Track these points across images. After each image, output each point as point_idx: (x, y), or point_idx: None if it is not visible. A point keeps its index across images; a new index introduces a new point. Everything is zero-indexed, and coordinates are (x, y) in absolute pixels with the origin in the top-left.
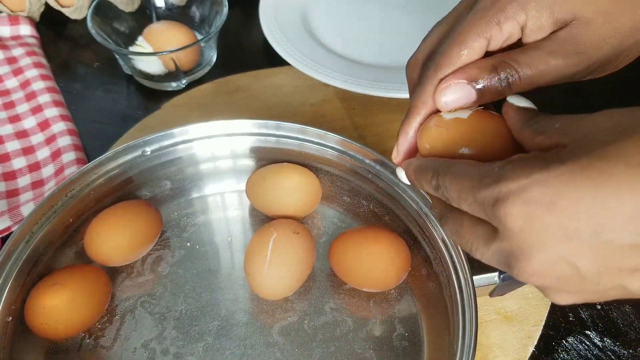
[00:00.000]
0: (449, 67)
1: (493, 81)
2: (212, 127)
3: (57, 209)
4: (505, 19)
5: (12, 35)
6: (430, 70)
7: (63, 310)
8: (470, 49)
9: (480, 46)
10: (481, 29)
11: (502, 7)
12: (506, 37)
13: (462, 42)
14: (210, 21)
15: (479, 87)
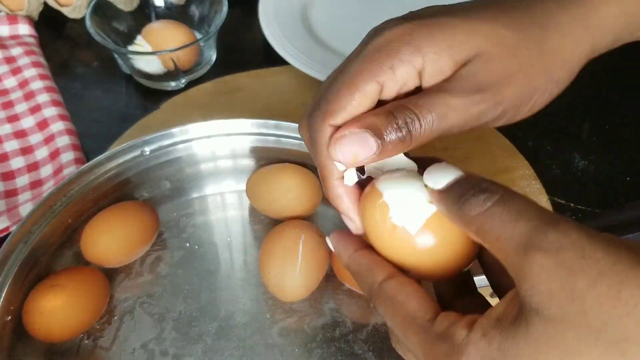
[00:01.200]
0: (338, 113)
1: (391, 128)
2: (212, 126)
3: (56, 209)
4: (400, 62)
5: (10, 35)
6: (318, 118)
7: (60, 313)
8: (362, 94)
9: (373, 91)
10: (373, 72)
11: (395, 50)
12: (401, 83)
13: (351, 86)
14: (210, 20)
15: (378, 137)
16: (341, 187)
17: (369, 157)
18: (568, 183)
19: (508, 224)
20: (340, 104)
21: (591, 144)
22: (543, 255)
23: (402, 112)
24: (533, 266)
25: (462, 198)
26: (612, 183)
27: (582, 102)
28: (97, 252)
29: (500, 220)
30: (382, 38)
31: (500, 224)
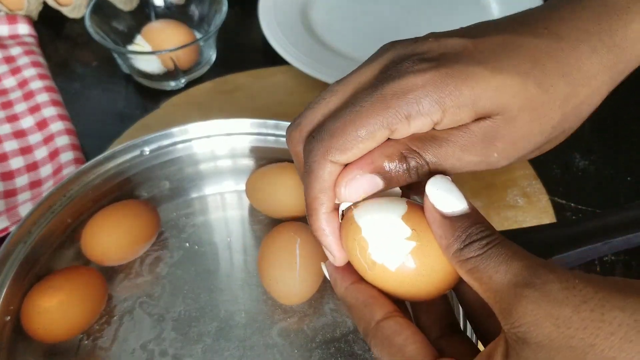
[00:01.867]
0: (342, 153)
1: (401, 171)
2: (211, 126)
3: (55, 209)
4: (418, 114)
5: (10, 34)
6: (319, 152)
7: (58, 313)
8: (371, 138)
9: (382, 136)
10: (386, 119)
11: (415, 100)
12: (413, 132)
13: (361, 127)
14: (210, 20)
15: (386, 178)
16: (327, 222)
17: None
18: (568, 183)
19: (502, 265)
20: (345, 144)
21: (592, 144)
22: (530, 289)
23: (415, 160)
24: (521, 300)
25: (467, 239)
26: (612, 183)
27: None
28: (97, 250)
29: (496, 261)
30: (404, 82)
31: (495, 265)
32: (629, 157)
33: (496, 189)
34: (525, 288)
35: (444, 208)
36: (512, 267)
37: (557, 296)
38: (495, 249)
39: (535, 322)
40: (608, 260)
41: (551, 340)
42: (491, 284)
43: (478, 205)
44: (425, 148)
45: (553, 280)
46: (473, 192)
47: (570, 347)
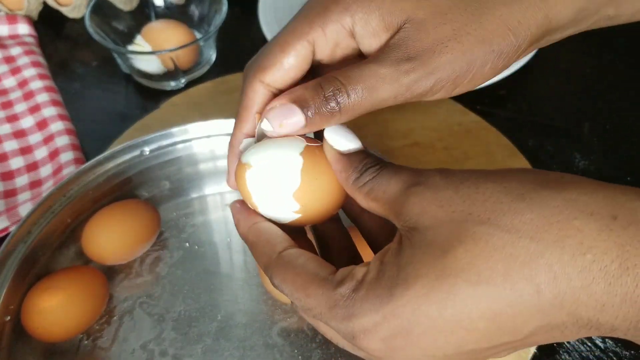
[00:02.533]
0: (269, 70)
1: (319, 101)
2: (211, 126)
3: (55, 209)
4: (329, 21)
5: (10, 34)
6: (250, 71)
7: (59, 313)
8: (294, 52)
9: (304, 50)
10: (304, 31)
11: (325, 8)
12: (332, 43)
13: (283, 43)
14: (210, 20)
15: (307, 110)
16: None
17: (296, 129)
18: None
19: (392, 178)
20: (271, 60)
21: (592, 144)
22: (417, 186)
23: (330, 84)
24: (410, 197)
25: (362, 168)
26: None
27: (582, 102)
28: (98, 249)
29: (387, 177)
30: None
31: (387, 180)
32: (629, 157)
33: None
34: (413, 187)
35: (341, 147)
36: (401, 176)
37: (439, 184)
38: (385, 169)
39: (421, 210)
40: None
41: (436, 219)
42: (386, 197)
43: None
44: (342, 72)
45: (435, 175)
46: None
47: (452, 220)
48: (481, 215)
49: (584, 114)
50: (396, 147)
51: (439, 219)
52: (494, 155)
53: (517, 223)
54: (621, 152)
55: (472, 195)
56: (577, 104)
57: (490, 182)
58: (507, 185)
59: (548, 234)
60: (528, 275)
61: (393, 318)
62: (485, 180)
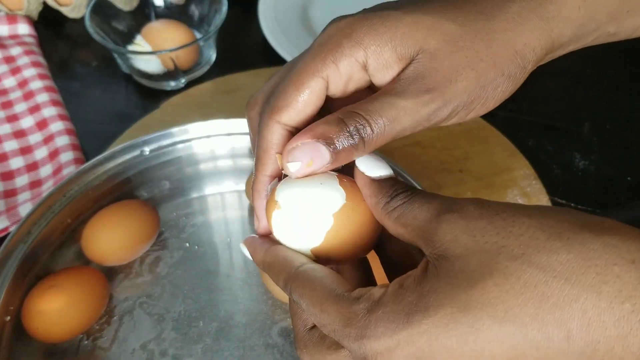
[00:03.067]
0: (285, 110)
1: (343, 136)
2: (211, 126)
3: (55, 209)
4: (342, 56)
5: (10, 34)
6: (266, 113)
7: (59, 313)
8: (308, 90)
9: (318, 86)
10: (317, 68)
11: (337, 44)
12: (346, 78)
13: (297, 82)
14: (210, 20)
15: (332, 146)
16: (263, 185)
17: (322, 166)
18: (569, 183)
19: (424, 204)
20: (286, 100)
21: (592, 144)
22: (450, 214)
23: (353, 119)
24: (441, 224)
25: (393, 194)
26: (612, 183)
27: (582, 102)
28: (98, 249)
29: (419, 202)
30: (326, 33)
31: (418, 206)
32: (629, 157)
33: (496, 189)
34: (446, 214)
35: (372, 173)
36: (433, 203)
37: (474, 214)
38: (417, 195)
39: (453, 238)
40: None
41: (467, 249)
42: (416, 222)
43: None
44: (362, 105)
45: (469, 204)
46: (473, 192)
47: (484, 251)
48: (515, 250)
49: (584, 113)
50: (396, 146)
51: (470, 249)
52: (494, 155)
53: (553, 262)
54: (621, 152)
55: (507, 228)
56: (577, 104)
57: (526, 216)
58: (544, 222)
59: (585, 277)
60: (560, 318)
61: (407, 345)
62: (521, 214)
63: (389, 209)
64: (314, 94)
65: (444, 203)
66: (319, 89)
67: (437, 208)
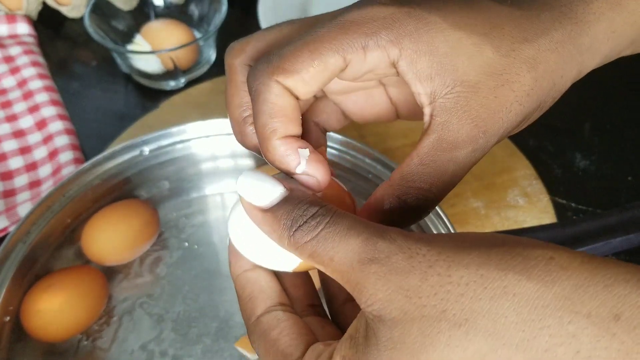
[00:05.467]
0: (290, 75)
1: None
2: (211, 126)
3: (55, 209)
4: (375, 46)
5: (9, 34)
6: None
7: (58, 312)
8: (323, 64)
9: (336, 65)
10: (343, 45)
11: (374, 30)
12: (369, 68)
13: (314, 49)
14: (209, 19)
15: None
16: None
17: None
18: (569, 183)
19: (339, 243)
20: (295, 65)
21: (593, 144)
22: (375, 264)
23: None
24: (369, 277)
25: (293, 225)
26: (613, 183)
27: (583, 101)
28: (97, 249)
29: (332, 241)
30: (365, 12)
31: (332, 245)
32: (629, 157)
33: (497, 189)
34: (371, 264)
35: (260, 201)
36: (350, 244)
37: (404, 267)
38: (327, 228)
39: (387, 298)
40: None
41: (405, 314)
42: (334, 265)
43: (478, 205)
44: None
45: (396, 252)
46: (474, 192)
47: (423, 316)
48: (457, 315)
49: (584, 113)
50: (396, 146)
51: (408, 313)
52: (494, 155)
53: (500, 328)
54: (622, 152)
55: (445, 286)
56: (578, 104)
57: (464, 267)
58: (484, 273)
59: (537, 340)
60: None
61: None
62: (457, 265)
63: (296, 245)
64: (327, 70)
65: (364, 247)
66: (335, 68)
67: (357, 252)
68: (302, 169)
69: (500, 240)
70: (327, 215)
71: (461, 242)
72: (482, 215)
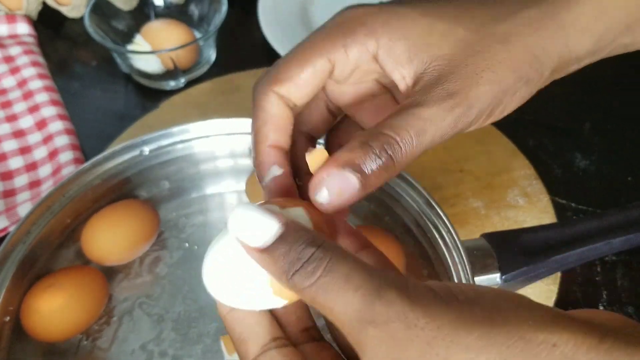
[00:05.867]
0: (284, 82)
1: (369, 159)
2: (211, 126)
3: (55, 209)
4: (353, 42)
5: (9, 34)
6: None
7: (58, 312)
8: (311, 68)
9: (323, 67)
10: (325, 49)
11: (351, 29)
12: (353, 64)
13: (301, 58)
14: (209, 19)
15: (359, 172)
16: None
17: (353, 195)
18: (569, 183)
19: (338, 296)
20: (288, 73)
21: (593, 144)
22: (375, 328)
23: (378, 138)
24: (368, 339)
25: (290, 269)
26: (613, 183)
27: (583, 101)
28: (97, 249)
29: (331, 291)
30: (341, 17)
31: (331, 296)
32: (629, 157)
33: (496, 189)
34: (369, 327)
35: (256, 242)
36: (349, 298)
37: (402, 337)
38: (324, 276)
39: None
40: (609, 261)
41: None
42: (334, 315)
43: (478, 205)
44: (384, 122)
45: (394, 320)
46: (473, 192)
47: None
48: None
49: (584, 113)
50: None
51: None
52: (494, 155)
53: None
54: (622, 151)
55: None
56: (578, 103)
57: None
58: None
59: None
60: None
61: None
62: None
63: (296, 289)
64: (317, 74)
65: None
66: (323, 69)
67: (356, 309)
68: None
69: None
70: (325, 258)
71: (461, 312)
72: (482, 215)
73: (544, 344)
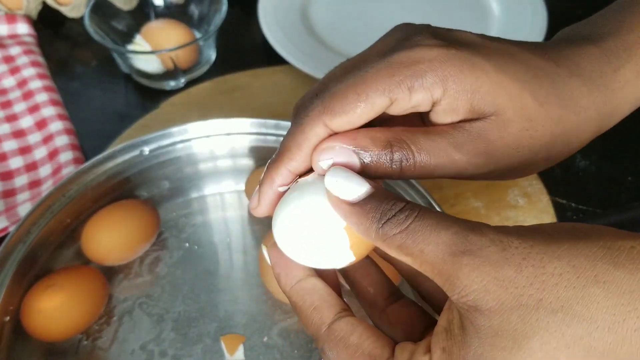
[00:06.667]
0: (337, 116)
1: (384, 159)
2: (211, 126)
3: (55, 209)
4: (420, 87)
5: (9, 34)
6: (316, 109)
7: (59, 312)
8: (369, 104)
9: (382, 104)
10: (388, 87)
11: (420, 73)
12: (412, 105)
13: (362, 92)
14: (209, 19)
15: (366, 160)
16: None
17: None
18: (569, 183)
19: (430, 236)
20: (343, 106)
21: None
22: (468, 257)
23: (402, 149)
24: (462, 268)
25: (382, 218)
26: (613, 183)
27: None
28: (97, 249)
29: (422, 234)
30: (413, 53)
31: (422, 238)
32: (630, 158)
33: (497, 189)
34: (463, 256)
35: (348, 196)
36: (442, 236)
37: (497, 259)
38: (417, 221)
39: (483, 288)
40: None
41: (502, 304)
42: (424, 257)
43: (478, 205)
44: (416, 138)
45: (488, 244)
46: (474, 192)
47: (521, 305)
48: (553, 303)
49: None
50: None
51: (505, 303)
52: None
53: (594, 312)
54: (622, 152)
55: (539, 277)
56: None
57: (556, 259)
58: (576, 264)
59: (627, 323)
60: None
61: None
62: (550, 257)
63: (384, 237)
64: (374, 110)
65: (455, 238)
66: (381, 107)
67: (449, 245)
68: None
69: (584, 232)
70: (415, 210)
71: (548, 235)
72: (482, 215)
73: (623, 247)
